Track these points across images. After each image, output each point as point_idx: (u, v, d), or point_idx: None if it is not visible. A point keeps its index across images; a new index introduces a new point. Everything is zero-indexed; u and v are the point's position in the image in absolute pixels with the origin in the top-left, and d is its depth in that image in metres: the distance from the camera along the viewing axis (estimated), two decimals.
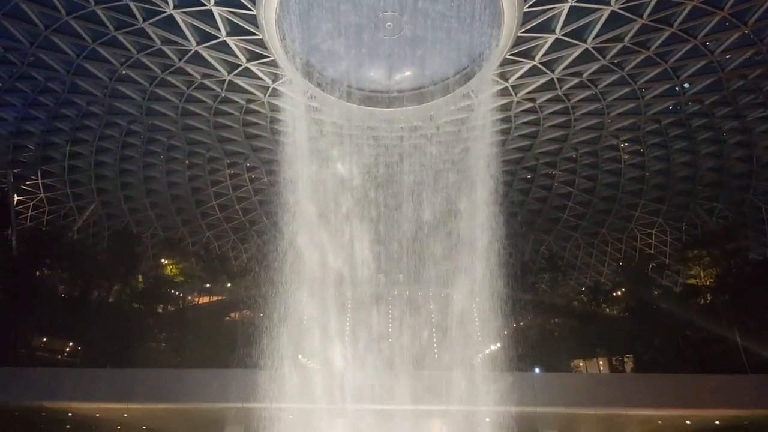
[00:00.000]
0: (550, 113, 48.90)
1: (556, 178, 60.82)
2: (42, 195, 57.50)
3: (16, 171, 54.36)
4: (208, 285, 63.93)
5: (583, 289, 65.20)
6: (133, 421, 33.28)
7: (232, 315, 58.41)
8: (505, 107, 47.32)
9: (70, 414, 31.91)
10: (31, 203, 57.70)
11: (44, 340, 51.31)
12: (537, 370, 36.42)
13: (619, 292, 60.16)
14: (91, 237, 62.01)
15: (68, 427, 34.04)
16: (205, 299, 65.09)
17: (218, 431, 31.81)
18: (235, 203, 65.26)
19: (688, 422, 31.40)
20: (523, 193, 62.82)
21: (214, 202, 64.62)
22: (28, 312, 45.47)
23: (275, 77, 43.28)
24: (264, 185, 61.27)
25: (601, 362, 54.42)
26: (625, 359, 52.68)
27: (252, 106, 47.92)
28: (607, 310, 60.04)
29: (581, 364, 54.50)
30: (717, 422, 31.22)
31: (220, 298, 64.13)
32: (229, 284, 63.04)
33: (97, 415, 31.98)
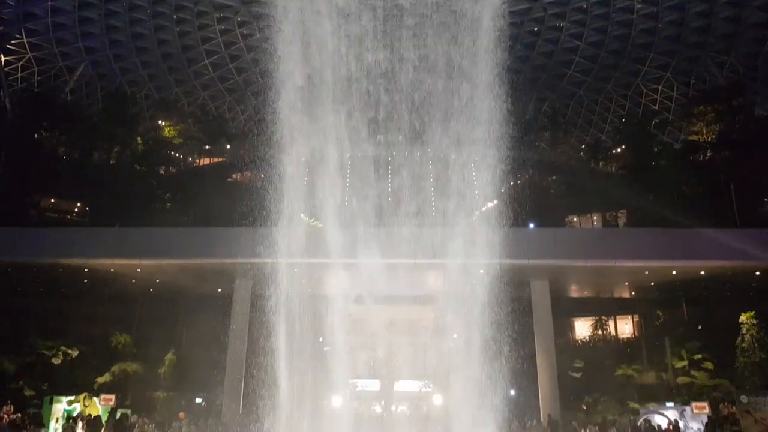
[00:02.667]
0: None
1: (564, 31, 57.97)
2: (29, 54, 55.40)
3: None
4: (207, 147, 63.88)
5: (583, 146, 65.07)
6: (146, 276, 35.12)
7: (234, 176, 59.05)
8: None
9: (86, 270, 33.63)
10: (19, 64, 55.79)
11: (52, 201, 52.46)
12: (531, 226, 37.61)
13: (618, 150, 60.13)
14: (84, 98, 60.82)
15: (86, 281, 36.01)
16: (206, 161, 65.43)
17: (228, 283, 33.73)
18: (228, 62, 63.03)
19: (674, 272, 33.04)
20: (528, 48, 60.29)
21: (206, 61, 62.41)
22: (32, 173, 46.02)
23: None
24: (257, 42, 58.63)
25: (595, 218, 55.94)
26: (619, 215, 54.07)
27: None
28: (606, 167, 60.47)
29: (575, 219, 56.05)
30: (702, 272, 32.83)
31: (220, 159, 64.40)
32: (228, 146, 62.93)
33: (112, 270, 33.68)
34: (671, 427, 26.52)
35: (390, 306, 32.75)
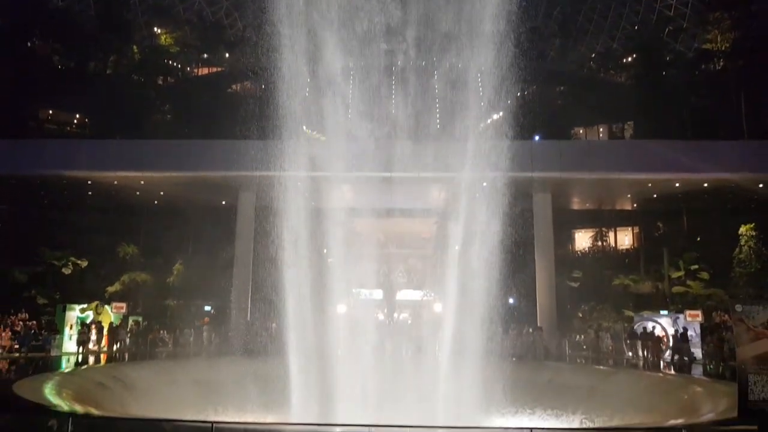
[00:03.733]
0: None
1: None
2: None
3: None
4: (205, 55, 61.96)
5: (593, 55, 62.90)
6: (150, 188, 35.25)
7: (234, 86, 57.69)
8: None
9: (89, 182, 33.73)
10: None
11: (50, 112, 51.69)
12: (537, 138, 37.15)
13: (629, 59, 58.13)
14: (76, 3, 58.27)
15: (90, 193, 36.21)
16: (204, 71, 63.70)
17: (232, 195, 33.93)
18: None
19: (677, 184, 33.03)
20: None
21: None
22: (27, 83, 45.01)
23: None
24: None
25: (601, 129, 55.19)
26: (626, 126, 53.29)
27: None
28: (615, 77, 58.79)
29: (581, 131, 55.33)
30: (705, 184, 32.80)
31: (219, 69, 62.66)
32: (227, 54, 61.00)
33: (115, 182, 33.79)
34: (679, 335, 26.87)
35: (393, 218, 33.07)
